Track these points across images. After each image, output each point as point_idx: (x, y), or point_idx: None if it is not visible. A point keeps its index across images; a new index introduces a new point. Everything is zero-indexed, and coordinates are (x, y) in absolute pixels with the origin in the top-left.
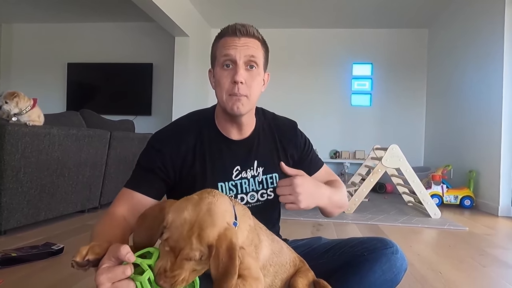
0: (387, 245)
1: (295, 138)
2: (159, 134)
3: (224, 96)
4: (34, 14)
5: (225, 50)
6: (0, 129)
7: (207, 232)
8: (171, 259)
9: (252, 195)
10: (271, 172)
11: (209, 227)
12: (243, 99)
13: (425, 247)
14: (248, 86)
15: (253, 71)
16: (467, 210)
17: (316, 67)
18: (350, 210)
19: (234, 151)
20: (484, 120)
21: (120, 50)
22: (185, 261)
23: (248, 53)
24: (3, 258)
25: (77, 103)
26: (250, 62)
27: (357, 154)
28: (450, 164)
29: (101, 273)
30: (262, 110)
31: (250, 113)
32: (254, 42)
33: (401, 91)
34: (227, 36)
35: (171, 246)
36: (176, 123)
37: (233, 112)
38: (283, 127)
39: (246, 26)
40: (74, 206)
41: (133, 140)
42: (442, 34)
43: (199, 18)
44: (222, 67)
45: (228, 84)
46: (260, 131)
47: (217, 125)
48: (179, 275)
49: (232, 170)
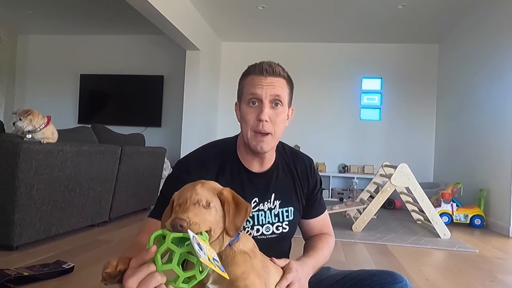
0: (396, 280)
1: (310, 176)
2: (183, 164)
3: (249, 133)
4: (49, 26)
5: (252, 89)
6: (15, 147)
7: (210, 184)
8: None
9: (267, 227)
10: (287, 206)
11: (212, 183)
12: (268, 138)
13: (434, 271)
14: (272, 123)
15: (278, 109)
16: (477, 230)
17: (325, 80)
18: (358, 228)
19: (254, 183)
20: (495, 137)
21: (131, 62)
22: (192, 206)
23: (273, 92)
24: (15, 277)
25: (89, 113)
26: (275, 101)
27: (365, 168)
28: (460, 182)
29: (127, 277)
30: (282, 144)
31: (272, 148)
32: (280, 81)
33: (410, 106)
34: (253, 74)
35: (179, 204)
36: (201, 152)
37: (256, 150)
38: (301, 163)
39: (273, 66)
40: (84, 220)
41: (143, 154)
42: (453, 50)
43: (210, 31)
44: (248, 104)
45: (253, 120)
46: (279, 165)
47: (239, 156)
48: (190, 217)
49: (250, 201)
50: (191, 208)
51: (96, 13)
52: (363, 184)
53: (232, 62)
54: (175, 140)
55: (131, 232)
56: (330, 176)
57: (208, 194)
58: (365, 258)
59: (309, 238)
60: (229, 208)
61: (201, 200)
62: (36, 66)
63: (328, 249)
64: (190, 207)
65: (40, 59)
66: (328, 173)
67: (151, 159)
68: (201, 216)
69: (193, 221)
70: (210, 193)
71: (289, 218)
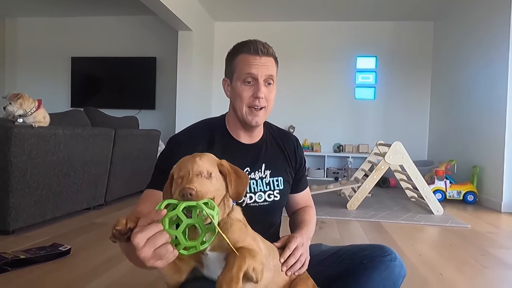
0: (385, 253)
1: (297, 153)
2: (175, 139)
3: (244, 108)
4: (38, 8)
5: (247, 68)
6: (6, 131)
7: (209, 156)
8: (185, 180)
9: (259, 195)
10: (277, 176)
11: (210, 155)
12: (262, 112)
13: (427, 247)
14: (267, 99)
15: (271, 87)
16: (470, 206)
17: (319, 60)
18: (353, 206)
19: (245, 154)
20: (488, 115)
21: (123, 44)
22: (195, 177)
23: (268, 72)
24: (12, 260)
25: (81, 97)
26: (269, 80)
27: (360, 147)
28: (454, 159)
29: (135, 235)
30: (268, 123)
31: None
32: (271, 60)
33: (405, 84)
34: (247, 53)
35: (181, 176)
36: (190, 128)
37: (251, 124)
38: (288, 140)
39: (266, 46)
40: (80, 204)
41: (137, 137)
42: (448, 27)
43: (202, 12)
44: (244, 82)
45: (249, 98)
46: (268, 139)
47: (228, 130)
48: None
49: (242, 170)
50: (194, 179)
51: None
52: (358, 163)
53: (226, 42)
54: (169, 122)
55: (128, 214)
56: (325, 156)
57: (209, 165)
58: (359, 235)
59: (294, 212)
60: (231, 177)
61: (202, 171)
62: (26, 50)
63: (314, 220)
64: (193, 178)
65: (29, 43)
66: (323, 153)
67: (145, 141)
68: (204, 186)
69: (199, 190)
70: (210, 164)
71: (280, 187)
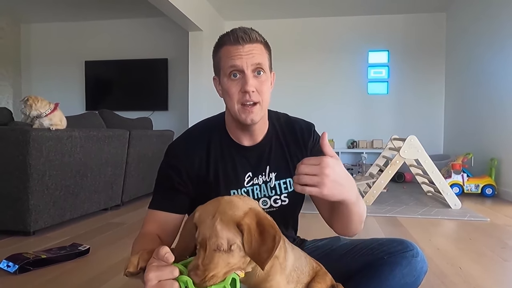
0: (407, 248)
1: (311, 140)
2: (172, 149)
3: (236, 106)
4: (51, 14)
5: (230, 61)
6: (25, 135)
7: (230, 214)
8: (202, 254)
9: (264, 201)
10: (285, 177)
11: (232, 210)
12: (256, 108)
13: (444, 241)
14: (259, 92)
15: (262, 77)
16: (489, 199)
17: (331, 55)
18: (368, 202)
19: (246, 158)
20: (505, 106)
21: (135, 46)
22: (214, 252)
23: (254, 61)
24: (34, 260)
25: (95, 100)
26: (257, 69)
27: (374, 143)
28: (471, 152)
29: (150, 270)
30: (275, 113)
31: (262, 119)
32: (258, 46)
33: (418, 78)
34: (229, 44)
35: (200, 242)
36: (187, 135)
37: (246, 123)
38: (299, 129)
39: (248, 32)
40: (97, 205)
41: (151, 138)
42: (461, 17)
43: (212, 11)
44: (230, 77)
45: (238, 93)
46: (273, 135)
47: (228, 132)
48: (210, 270)
49: (244, 176)
50: (209, 256)
51: None
52: (372, 159)
53: None
54: (183, 122)
55: (143, 214)
56: (339, 153)
57: (228, 233)
58: (376, 230)
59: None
60: (250, 238)
61: (221, 245)
62: (40, 55)
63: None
64: (209, 254)
65: (43, 48)
66: (337, 149)
67: (159, 142)
68: (222, 263)
69: (209, 277)
70: (230, 231)
71: (288, 189)
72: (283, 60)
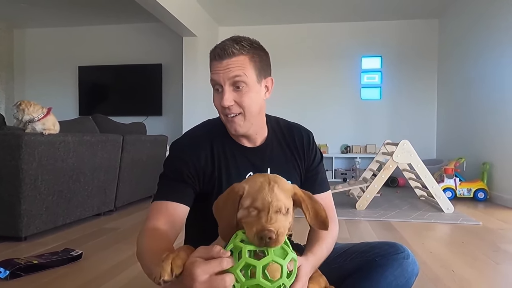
0: (398, 250)
1: (309, 148)
2: (178, 145)
3: (223, 117)
4: (44, 19)
5: (212, 75)
6: (17, 139)
7: (283, 184)
8: (264, 217)
9: None
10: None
11: (282, 181)
12: (238, 119)
13: (437, 244)
14: (239, 104)
15: (243, 90)
16: (481, 203)
17: (325, 61)
18: (362, 206)
19: (248, 158)
20: (497, 111)
21: (129, 52)
22: (275, 214)
23: (231, 75)
24: (26, 265)
25: (89, 105)
26: (236, 83)
27: (368, 148)
28: (463, 157)
29: (195, 266)
30: (276, 119)
31: (256, 125)
32: (238, 60)
33: (411, 83)
34: (213, 59)
35: (258, 207)
36: (191, 133)
37: (231, 133)
38: (298, 136)
39: (225, 47)
40: (90, 210)
41: (145, 143)
42: (454, 23)
43: (207, 17)
44: (215, 91)
45: (220, 106)
46: (273, 139)
47: (229, 133)
48: (277, 227)
49: (245, 175)
50: (273, 217)
51: (89, 3)
52: (366, 163)
53: None
54: (177, 127)
55: (137, 219)
56: (333, 157)
57: (286, 199)
58: (369, 234)
59: None
60: (307, 205)
61: (281, 208)
62: (34, 60)
63: (332, 238)
64: (272, 216)
65: (37, 54)
66: (331, 154)
67: (153, 147)
68: (283, 224)
69: (280, 233)
70: (287, 197)
71: None
72: (275, 65)
